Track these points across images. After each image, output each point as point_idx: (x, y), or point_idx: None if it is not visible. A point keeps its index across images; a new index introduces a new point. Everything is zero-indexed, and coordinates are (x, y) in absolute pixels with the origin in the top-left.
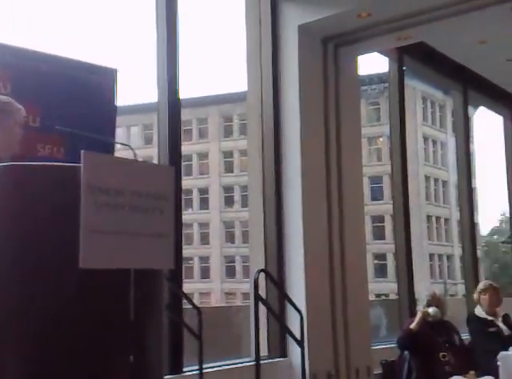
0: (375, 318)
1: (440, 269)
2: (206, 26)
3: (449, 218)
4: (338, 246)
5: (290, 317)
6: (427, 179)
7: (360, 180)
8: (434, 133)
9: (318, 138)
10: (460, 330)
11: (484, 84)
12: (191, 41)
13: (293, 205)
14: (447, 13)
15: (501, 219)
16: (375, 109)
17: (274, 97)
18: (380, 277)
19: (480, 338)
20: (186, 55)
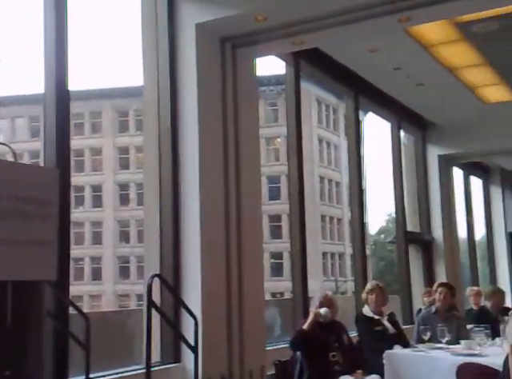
0: (270, 318)
1: (332, 267)
2: (101, 17)
3: (341, 218)
4: (235, 247)
5: (184, 323)
6: (322, 180)
7: (258, 180)
8: (328, 135)
9: (216, 138)
10: (350, 328)
11: (374, 91)
12: (84, 31)
13: (190, 205)
14: (339, 21)
15: (387, 219)
16: (273, 110)
17: (171, 94)
18: (276, 276)
19: (367, 337)
20: (78, 45)
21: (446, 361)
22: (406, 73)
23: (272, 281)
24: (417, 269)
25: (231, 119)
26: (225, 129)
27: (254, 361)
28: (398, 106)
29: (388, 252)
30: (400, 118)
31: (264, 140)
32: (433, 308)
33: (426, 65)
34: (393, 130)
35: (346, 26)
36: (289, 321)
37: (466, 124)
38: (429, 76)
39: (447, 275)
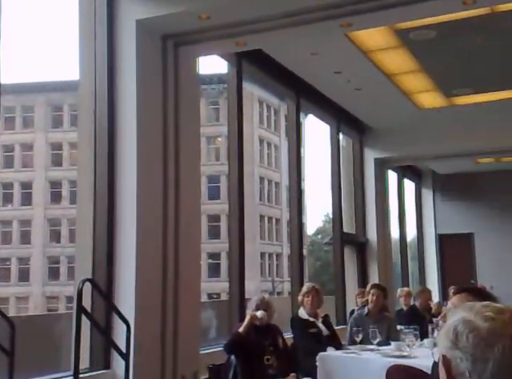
0: (206, 320)
1: (269, 267)
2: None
3: (280, 218)
4: (172, 249)
5: (116, 328)
6: (261, 180)
7: (198, 179)
8: (269, 136)
9: (156, 136)
10: (285, 328)
11: (314, 94)
12: (18, 23)
13: (126, 205)
14: (282, 23)
15: (324, 220)
16: (215, 109)
17: (108, 90)
18: (214, 277)
19: (302, 339)
20: (11, 37)
21: (376, 362)
22: (346, 78)
23: (209, 281)
24: (351, 270)
25: (171, 117)
26: (165, 127)
27: (188, 366)
28: (337, 109)
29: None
30: (339, 121)
31: (205, 139)
32: (365, 309)
33: (364, 70)
34: (332, 133)
35: (288, 29)
36: (225, 323)
37: (400, 128)
38: (367, 81)
39: (380, 276)
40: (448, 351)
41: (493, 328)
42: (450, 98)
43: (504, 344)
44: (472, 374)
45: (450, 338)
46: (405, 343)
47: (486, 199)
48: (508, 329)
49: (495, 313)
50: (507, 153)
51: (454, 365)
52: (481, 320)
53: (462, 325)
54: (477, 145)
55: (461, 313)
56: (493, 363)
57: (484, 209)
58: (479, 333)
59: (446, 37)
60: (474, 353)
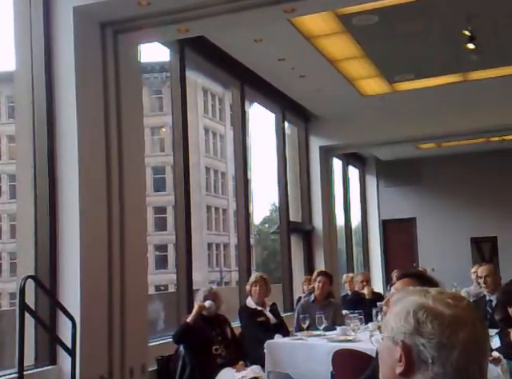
0: (154, 312)
1: (217, 257)
2: None
3: (226, 208)
4: (118, 242)
5: (62, 324)
6: (207, 170)
7: (142, 170)
8: (214, 125)
9: (97, 128)
10: (233, 318)
11: (259, 81)
12: None
13: (68, 199)
14: (224, 9)
15: (271, 209)
16: (158, 98)
17: (46, 81)
18: (161, 269)
19: (250, 328)
20: None
21: (322, 347)
22: (290, 65)
23: (156, 273)
24: (298, 258)
25: (113, 108)
26: (106, 118)
27: (136, 359)
28: (282, 97)
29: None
30: (284, 109)
31: (149, 129)
32: (312, 296)
33: (308, 57)
34: (277, 121)
35: (231, 15)
36: (173, 314)
37: (344, 116)
38: (311, 68)
39: (325, 263)
40: (407, 337)
41: (456, 314)
42: (393, 84)
43: (467, 331)
44: (435, 361)
45: (410, 324)
46: (350, 327)
47: (427, 184)
48: (469, 315)
49: (455, 300)
50: (448, 137)
51: (414, 352)
52: (443, 306)
53: (423, 312)
54: (418, 130)
55: (415, 298)
56: (458, 350)
57: (425, 194)
58: (444, 320)
59: (388, 23)
60: (440, 341)
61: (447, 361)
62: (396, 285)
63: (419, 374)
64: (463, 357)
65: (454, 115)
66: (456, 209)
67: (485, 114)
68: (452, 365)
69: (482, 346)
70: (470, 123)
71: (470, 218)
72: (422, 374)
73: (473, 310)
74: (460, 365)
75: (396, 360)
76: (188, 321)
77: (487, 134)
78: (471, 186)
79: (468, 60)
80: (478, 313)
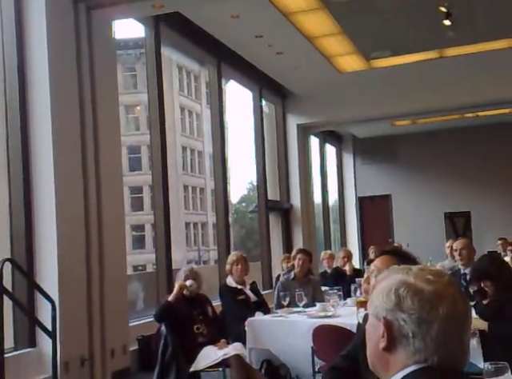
0: (133, 292)
1: (195, 237)
2: None
3: (204, 188)
4: (95, 222)
5: (41, 306)
6: (184, 149)
7: (118, 150)
8: (189, 103)
9: (72, 107)
10: (213, 297)
11: (236, 59)
12: None
13: (44, 181)
14: None
15: (248, 187)
16: (132, 76)
17: (18, 59)
18: (138, 249)
19: (231, 307)
20: None
21: (303, 324)
22: (267, 42)
23: (134, 254)
24: (276, 236)
25: (87, 86)
26: (81, 96)
27: (116, 340)
28: (259, 75)
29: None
30: (261, 87)
31: (123, 108)
32: (291, 274)
33: (285, 34)
34: (254, 99)
35: None
36: (152, 294)
37: (322, 93)
38: (288, 44)
39: (304, 240)
40: (389, 313)
41: (436, 289)
42: (370, 61)
43: (448, 306)
44: (415, 335)
45: (392, 300)
46: (329, 303)
47: (402, 161)
48: (449, 291)
49: (435, 276)
50: (423, 114)
51: (396, 327)
52: (423, 283)
53: (404, 288)
54: (394, 107)
55: (398, 276)
56: (438, 324)
57: (401, 171)
58: (424, 295)
59: None
60: (420, 315)
61: (427, 335)
62: (375, 262)
63: (401, 349)
64: (443, 331)
65: (429, 92)
66: (430, 185)
67: (460, 91)
68: (432, 339)
69: (463, 320)
70: (445, 100)
71: (444, 194)
72: (404, 349)
73: (454, 286)
74: (440, 338)
75: (379, 336)
76: (169, 300)
77: (462, 111)
78: (445, 163)
79: (444, 37)
80: (458, 289)
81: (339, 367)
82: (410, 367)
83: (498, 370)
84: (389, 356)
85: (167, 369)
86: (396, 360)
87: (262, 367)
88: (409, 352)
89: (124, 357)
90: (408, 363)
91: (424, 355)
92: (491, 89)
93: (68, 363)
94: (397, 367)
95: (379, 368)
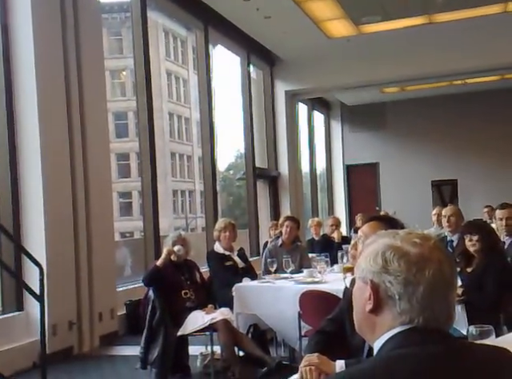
0: (121, 259)
1: (182, 204)
2: None
3: (191, 155)
4: (82, 188)
5: (29, 270)
6: (171, 116)
7: (104, 116)
8: (176, 69)
9: (57, 71)
10: (201, 263)
11: (223, 23)
12: None
13: (29, 143)
14: None
15: (236, 155)
16: (117, 40)
17: (2, 25)
18: (126, 216)
19: (218, 273)
20: None
21: (290, 289)
22: (255, 5)
23: (122, 220)
24: (264, 204)
25: (72, 51)
26: (66, 60)
27: (104, 304)
28: (247, 40)
29: (236, 187)
30: (249, 52)
31: (108, 73)
32: (279, 240)
33: None
34: (242, 65)
35: None
36: (140, 260)
37: (310, 59)
38: (276, 8)
39: (291, 208)
40: (376, 275)
41: (422, 252)
42: (359, 27)
43: (433, 268)
44: (402, 297)
45: (378, 264)
46: (316, 270)
47: (390, 129)
48: (435, 254)
49: (422, 240)
50: (412, 81)
51: (382, 289)
52: (409, 246)
53: (390, 251)
54: (383, 73)
55: (385, 240)
56: (423, 286)
57: (388, 139)
58: (410, 258)
59: None
60: (406, 277)
61: (413, 297)
62: (363, 228)
63: (387, 310)
64: (429, 292)
65: (418, 58)
66: (418, 153)
67: (448, 57)
68: (418, 301)
69: (449, 283)
70: (434, 66)
71: (432, 162)
72: (390, 310)
73: (440, 249)
74: (426, 300)
75: (366, 298)
76: (158, 264)
77: (450, 78)
78: (433, 131)
79: (434, 2)
80: (445, 252)
81: (326, 331)
82: (396, 328)
83: (483, 333)
84: (375, 318)
85: (155, 333)
86: (382, 322)
87: (248, 331)
88: (395, 313)
89: (112, 321)
90: (394, 325)
91: (409, 316)
92: (480, 56)
93: (56, 326)
94: (383, 329)
95: (366, 330)
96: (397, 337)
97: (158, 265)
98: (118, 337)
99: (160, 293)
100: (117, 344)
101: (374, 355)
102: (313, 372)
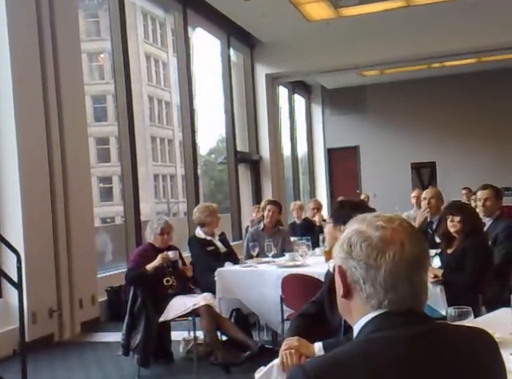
0: (101, 244)
1: (164, 189)
2: None
3: (172, 139)
4: (60, 174)
5: (6, 258)
6: (151, 100)
7: (82, 100)
8: (155, 51)
9: (32, 54)
10: (183, 248)
11: (202, 5)
12: None
13: (5, 130)
14: None
15: (217, 139)
16: (94, 22)
17: None
18: (106, 201)
19: (200, 257)
20: None
21: (272, 273)
22: None
23: (102, 206)
24: (246, 188)
25: (48, 34)
26: (41, 44)
27: (85, 290)
28: (227, 23)
29: (218, 171)
30: (229, 35)
31: (86, 55)
32: (261, 224)
33: None
34: (222, 48)
35: None
36: (121, 246)
37: (290, 42)
38: None
39: (273, 192)
40: (343, 261)
41: (383, 235)
42: (338, 9)
43: (394, 250)
44: (366, 281)
45: (344, 250)
46: (298, 253)
47: (371, 112)
48: (398, 236)
49: (385, 222)
50: (391, 64)
51: (349, 274)
52: (373, 230)
53: (355, 236)
54: (362, 57)
55: (354, 226)
56: (385, 269)
57: (369, 122)
58: (371, 242)
59: None
60: (367, 262)
61: (376, 281)
62: None
63: (356, 295)
64: (390, 276)
65: (396, 41)
66: (398, 136)
67: (426, 40)
68: (380, 285)
69: (413, 264)
70: (412, 49)
71: (411, 145)
72: (359, 294)
73: (404, 230)
74: (388, 283)
75: (339, 284)
76: (147, 271)
77: (428, 61)
78: (413, 114)
79: None
80: (410, 232)
81: (308, 313)
82: (371, 313)
83: (462, 314)
84: (349, 303)
85: (136, 319)
86: (356, 307)
87: (231, 316)
88: (363, 298)
89: (93, 307)
90: (366, 308)
91: (377, 300)
92: (457, 39)
93: (36, 314)
94: (359, 313)
95: (346, 315)
96: (373, 322)
97: (147, 271)
98: (99, 323)
99: (142, 281)
100: (98, 330)
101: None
102: (293, 355)
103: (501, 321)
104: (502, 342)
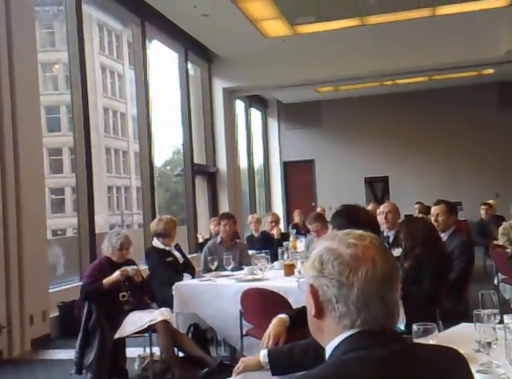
0: (53, 258)
1: (118, 200)
2: None
3: (127, 151)
4: (12, 185)
5: None
6: (106, 111)
7: (37, 110)
8: (111, 63)
9: None
10: (138, 260)
11: (161, 19)
12: None
13: None
14: None
15: (173, 150)
16: (49, 33)
17: None
18: (58, 213)
19: (159, 269)
20: None
21: (231, 287)
22: (193, 3)
23: (53, 218)
24: (202, 200)
25: (3, 44)
26: None
27: (36, 306)
28: (185, 37)
29: (173, 183)
30: (187, 49)
31: (40, 66)
32: (218, 238)
33: None
34: (180, 61)
35: None
36: (74, 259)
37: (247, 57)
38: (214, 7)
39: (230, 204)
40: (315, 280)
41: (355, 253)
42: (294, 27)
43: (367, 268)
44: (338, 300)
45: (315, 268)
46: (257, 267)
47: (325, 127)
48: (369, 253)
49: (356, 240)
50: (345, 81)
51: (320, 293)
52: (344, 247)
53: (326, 254)
54: (317, 73)
55: (325, 243)
56: (357, 287)
57: (324, 137)
58: (343, 259)
59: None
60: (339, 280)
61: (348, 300)
62: None
63: (329, 314)
64: (363, 294)
65: (351, 59)
66: (352, 150)
67: (379, 59)
68: (353, 303)
69: (385, 281)
70: (366, 67)
71: (365, 159)
72: (331, 314)
73: (375, 247)
74: (360, 302)
75: (310, 303)
76: (104, 285)
77: (381, 78)
78: (366, 129)
79: (366, 4)
80: (381, 250)
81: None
82: (344, 333)
83: (427, 331)
84: (321, 323)
85: (90, 336)
86: (328, 326)
87: (189, 331)
88: (335, 317)
89: (44, 323)
90: (338, 329)
91: (349, 319)
92: (409, 58)
93: None
94: (330, 334)
95: (316, 335)
96: (346, 342)
97: (104, 285)
98: (50, 340)
99: (97, 296)
100: (49, 347)
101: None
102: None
103: (463, 336)
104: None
